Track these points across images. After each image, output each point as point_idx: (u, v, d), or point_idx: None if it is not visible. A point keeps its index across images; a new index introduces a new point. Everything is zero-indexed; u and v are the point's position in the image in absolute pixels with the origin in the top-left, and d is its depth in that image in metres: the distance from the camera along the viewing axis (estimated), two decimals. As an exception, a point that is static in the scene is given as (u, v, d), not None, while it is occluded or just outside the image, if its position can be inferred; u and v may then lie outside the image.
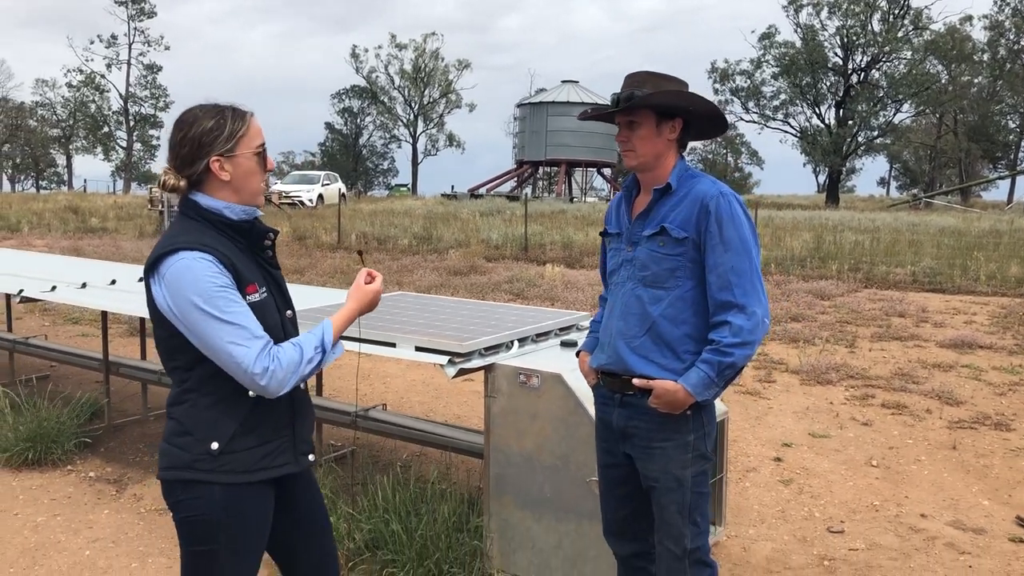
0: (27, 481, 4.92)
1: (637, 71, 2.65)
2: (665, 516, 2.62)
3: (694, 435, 2.61)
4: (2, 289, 5.49)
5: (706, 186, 2.58)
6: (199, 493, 2.20)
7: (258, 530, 2.30)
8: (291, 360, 2.16)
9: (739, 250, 2.51)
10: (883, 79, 47.86)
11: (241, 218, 2.26)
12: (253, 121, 2.27)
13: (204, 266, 2.12)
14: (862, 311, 11.18)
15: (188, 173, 2.22)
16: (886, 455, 5.60)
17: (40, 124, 73.36)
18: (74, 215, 27.34)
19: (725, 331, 2.49)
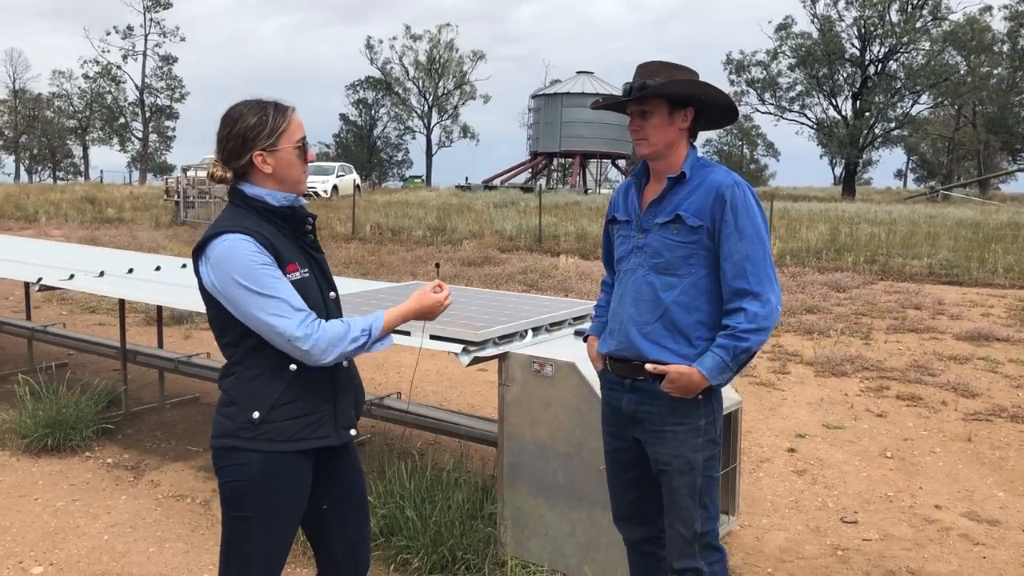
0: (47, 467, 4.98)
1: (650, 60, 2.67)
2: (676, 499, 2.64)
3: (705, 419, 2.64)
4: (21, 277, 5.55)
5: (721, 176, 2.61)
6: (240, 460, 2.33)
7: (294, 499, 2.40)
8: (335, 333, 2.29)
9: (753, 239, 2.55)
10: (901, 70, 47.48)
11: (282, 204, 2.39)
12: (294, 116, 2.40)
13: (245, 246, 2.26)
14: (878, 303, 11.13)
15: (234, 166, 2.38)
16: (900, 446, 5.59)
17: (57, 115, 73.85)
18: (91, 205, 27.52)
19: (740, 317, 2.52)
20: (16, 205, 26.38)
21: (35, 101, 73.43)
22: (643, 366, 2.64)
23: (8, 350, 7.58)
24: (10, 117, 73.19)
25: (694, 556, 2.66)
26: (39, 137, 74.20)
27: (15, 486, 4.68)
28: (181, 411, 6.15)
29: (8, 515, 4.30)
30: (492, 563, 3.68)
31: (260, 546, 2.38)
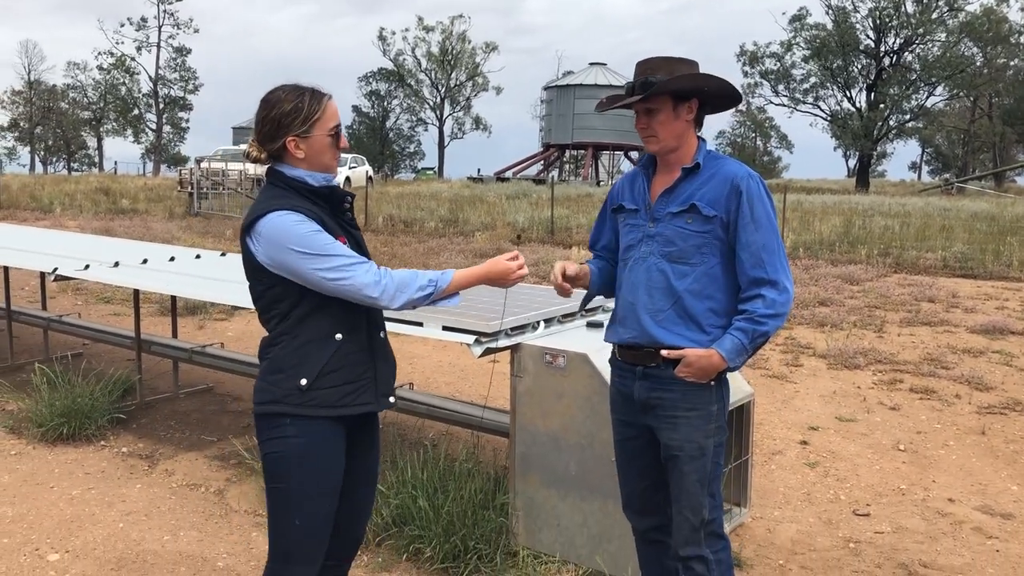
0: (62, 455, 5.02)
1: (649, 57, 2.70)
2: (686, 485, 2.66)
3: (716, 406, 2.67)
4: (38, 267, 5.60)
5: (735, 167, 2.65)
6: (284, 426, 2.42)
7: (332, 471, 2.48)
8: (403, 278, 2.39)
9: (768, 229, 2.60)
10: (916, 62, 47.17)
11: (322, 184, 2.48)
12: (330, 104, 2.47)
13: (294, 218, 2.35)
14: (891, 296, 11.08)
15: (269, 148, 2.47)
16: (914, 439, 5.57)
17: (71, 106, 74.23)
18: (105, 196, 27.67)
19: (759, 303, 2.56)
20: (31, 196, 26.54)
21: (50, 92, 73.80)
22: (656, 353, 2.66)
23: (24, 339, 7.64)
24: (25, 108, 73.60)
25: (699, 544, 2.69)
26: (54, 128, 74.60)
27: (31, 474, 4.72)
28: (195, 401, 6.19)
29: (25, 503, 4.35)
30: (504, 553, 3.70)
31: (300, 517, 2.46)
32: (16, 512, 4.23)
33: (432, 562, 3.69)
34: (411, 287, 2.39)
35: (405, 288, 2.38)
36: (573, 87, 52.41)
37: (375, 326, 2.56)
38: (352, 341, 2.46)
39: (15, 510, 4.25)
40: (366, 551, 3.84)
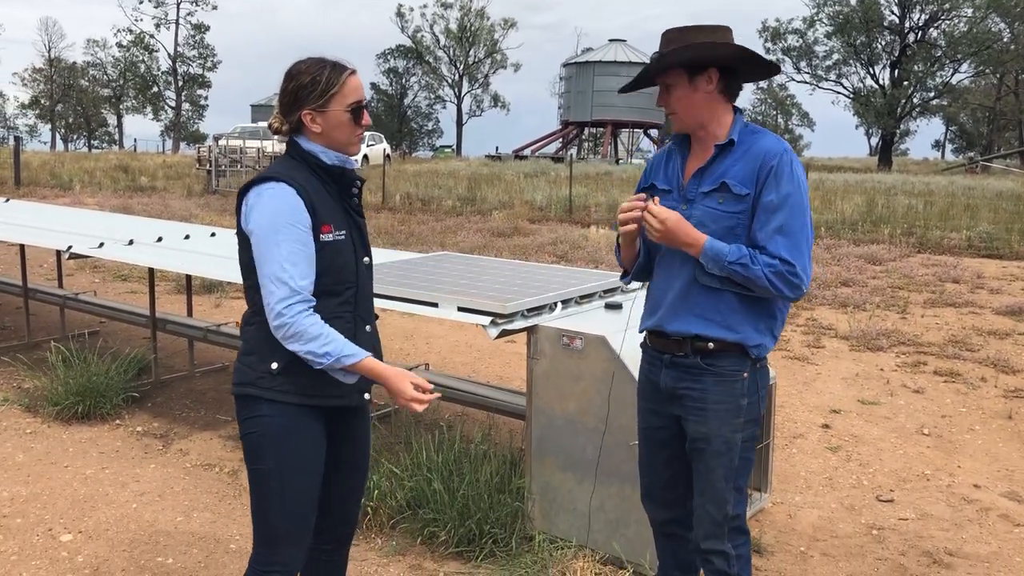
0: (77, 434, 5.01)
1: (669, 28, 2.54)
2: (712, 479, 2.56)
3: (748, 398, 2.55)
4: (53, 245, 5.56)
5: (770, 142, 2.49)
6: (258, 410, 2.38)
7: (310, 452, 2.43)
8: (308, 333, 2.28)
9: (789, 210, 2.43)
10: (941, 38, 46.37)
11: (335, 163, 2.44)
12: (351, 79, 2.41)
13: (289, 197, 2.31)
14: (915, 276, 10.91)
15: (289, 120, 2.43)
16: (938, 423, 5.47)
17: (91, 84, 74.44)
18: (124, 174, 27.72)
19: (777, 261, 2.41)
20: (51, 173, 26.63)
21: (70, 70, 74.03)
22: (682, 342, 2.56)
23: (41, 317, 7.64)
24: (46, 86, 73.89)
25: (722, 538, 2.59)
26: (74, 106, 74.88)
27: (46, 453, 4.71)
28: (210, 380, 6.16)
29: (39, 482, 4.33)
30: (519, 538, 3.64)
31: (281, 499, 2.42)
32: (30, 492, 4.21)
33: (447, 546, 3.64)
34: (308, 344, 2.27)
35: (302, 343, 2.27)
36: (592, 64, 51.95)
37: (361, 319, 2.47)
38: None
39: (29, 489, 4.24)
40: (380, 534, 3.80)
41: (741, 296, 2.50)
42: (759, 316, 2.53)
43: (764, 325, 2.55)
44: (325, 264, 2.36)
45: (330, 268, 2.37)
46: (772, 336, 2.58)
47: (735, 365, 2.54)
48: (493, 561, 3.55)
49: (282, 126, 2.44)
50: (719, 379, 2.53)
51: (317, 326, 2.29)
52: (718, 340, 2.52)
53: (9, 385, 5.87)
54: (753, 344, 2.53)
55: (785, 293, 2.44)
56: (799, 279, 2.42)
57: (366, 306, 2.51)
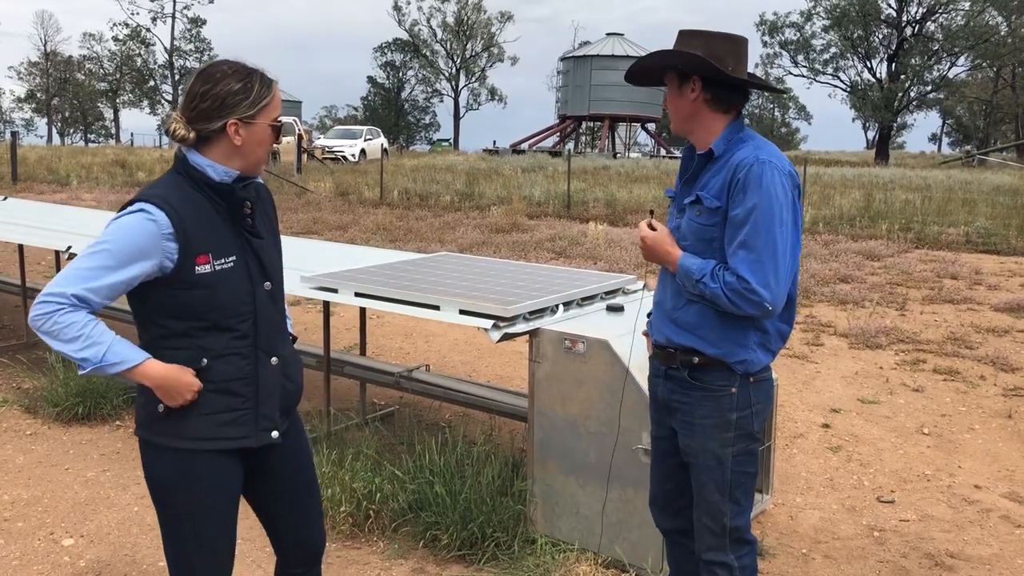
0: (77, 436, 5.00)
1: (684, 29, 2.52)
2: (704, 493, 2.56)
3: (737, 413, 2.50)
4: (52, 245, 5.55)
5: (745, 152, 2.40)
6: (155, 455, 2.21)
7: (217, 497, 2.24)
8: (64, 333, 2.05)
9: (754, 225, 2.33)
10: (939, 31, 46.36)
11: (222, 180, 2.20)
12: (277, 92, 2.24)
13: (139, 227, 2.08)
14: (913, 272, 10.93)
15: (200, 127, 2.17)
16: (938, 423, 5.47)
17: (88, 78, 74.25)
18: (121, 169, 27.67)
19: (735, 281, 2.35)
20: (48, 168, 26.57)
21: (66, 64, 73.84)
22: (673, 353, 2.55)
23: (40, 316, 7.63)
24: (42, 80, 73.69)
25: (724, 550, 2.59)
26: (70, 100, 74.72)
27: (46, 455, 4.70)
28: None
29: (40, 485, 4.32)
30: (522, 541, 3.64)
31: (195, 545, 2.25)
32: (31, 495, 4.21)
33: (449, 549, 3.64)
34: (65, 344, 2.06)
35: (57, 339, 2.05)
36: (590, 58, 51.90)
37: (263, 352, 2.26)
38: (223, 368, 2.19)
39: (30, 492, 4.23)
40: (382, 537, 3.80)
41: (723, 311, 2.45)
42: (743, 331, 2.47)
43: (752, 340, 2.48)
44: (206, 299, 2.15)
45: (214, 302, 2.16)
46: (765, 350, 2.52)
47: (722, 379, 2.49)
48: (496, 564, 3.55)
49: (188, 133, 2.16)
50: (706, 393, 2.51)
51: (76, 327, 2.04)
52: (700, 354, 2.50)
53: (8, 386, 5.86)
54: (736, 360, 2.47)
55: (747, 311, 2.37)
56: (758, 296, 2.32)
57: (270, 337, 2.28)
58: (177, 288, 2.14)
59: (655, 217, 2.66)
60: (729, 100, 2.49)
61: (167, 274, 2.13)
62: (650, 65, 2.51)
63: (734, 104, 2.50)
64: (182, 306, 2.15)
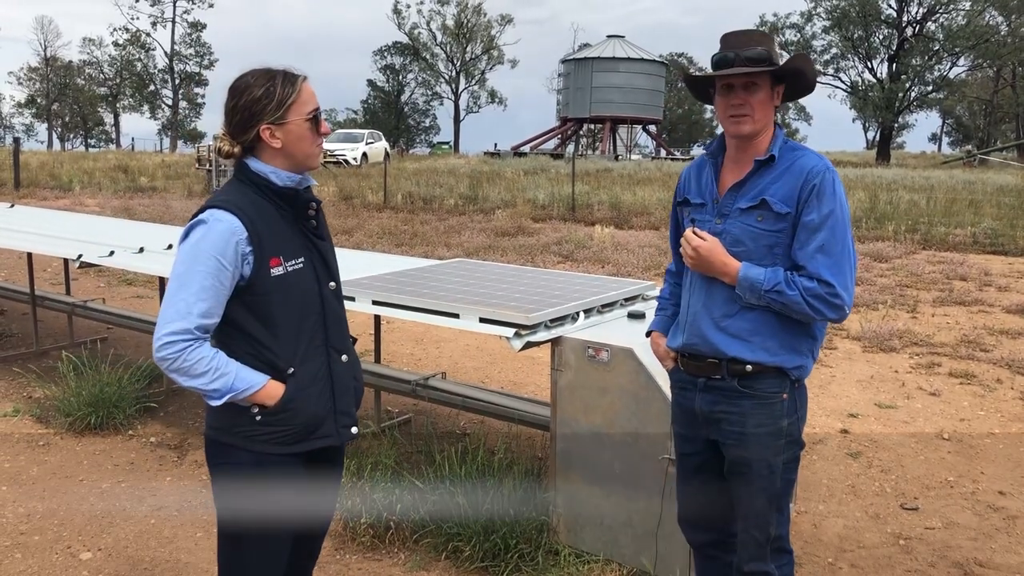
0: (90, 446, 4.96)
1: (738, 31, 2.46)
2: (755, 504, 2.51)
3: (787, 420, 2.48)
4: (63, 254, 5.51)
5: (812, 160, 2.43)
6: (234, 458, 2.25)
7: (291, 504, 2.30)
8: (194, 369, 2.11)
9: (830, 229, 2.38)
10: (939, 31, 46.32)
11: (286, 185, 2.26)
12: (305, 86, 2.25)
13: (225, 230, 2.13)
14: (922, 274, 10.89)
15: (241, 140, 2.24)
16: (957, 427, 5.43)
17: (88, 83, 74.20)
18: (123, 174, 27.63)
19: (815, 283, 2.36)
20: (50, 174, 26.53)
21: (66, 69, 73.78)
22: (718, 363, 2.49)
23: (47, 323, 7.58)
24: (42, 85, 73.65)
25: (765, 560, 2.55)
26: (71, 105, 74.65)
27: (60, 466, 4.66)
28: (222, 388, 6.10)
29: (55, 497, 4.28)
30: (545, 552, 3.59)
31: (254, 548, 2.29)
32: (47, 507, 4.16)
33: (471, 561, 3.59)
34: (192, 380, 2.12)
35: (187, 377, 2.12)
36: (591, 60, 51.87)
37: (335, 351, 2.33)
38: (308, 370, 2.25)
39: (45, 505, 4.19)
40: (403, 549, 3.75)
41: (781, 318, 2.43)
42: (799, 338, 2.47)
43: (805, 347, 2.49)
44: (282, 302, 2.20)
45: (289, 304, 2.22)
46: (812, 357, 2.53)
47: (775, 387, 2.47)
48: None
49: (233, 148, 2.23)
50: (758, 402, 2.47)
51: (204, 361, 2.12)
52: (756, 363, 2.45)
53: (19, 395, 5.82)
54: (792, 367, 2.47)
55: (827, 316, 2.38)
56: (840, 300, 2.36)
57: (340, 335, 2.35)
58: (256, 294, 2.19)
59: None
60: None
61: (246, 280, 2.18)
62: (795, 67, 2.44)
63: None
64: (262, 312, 2.20)
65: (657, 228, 15.54)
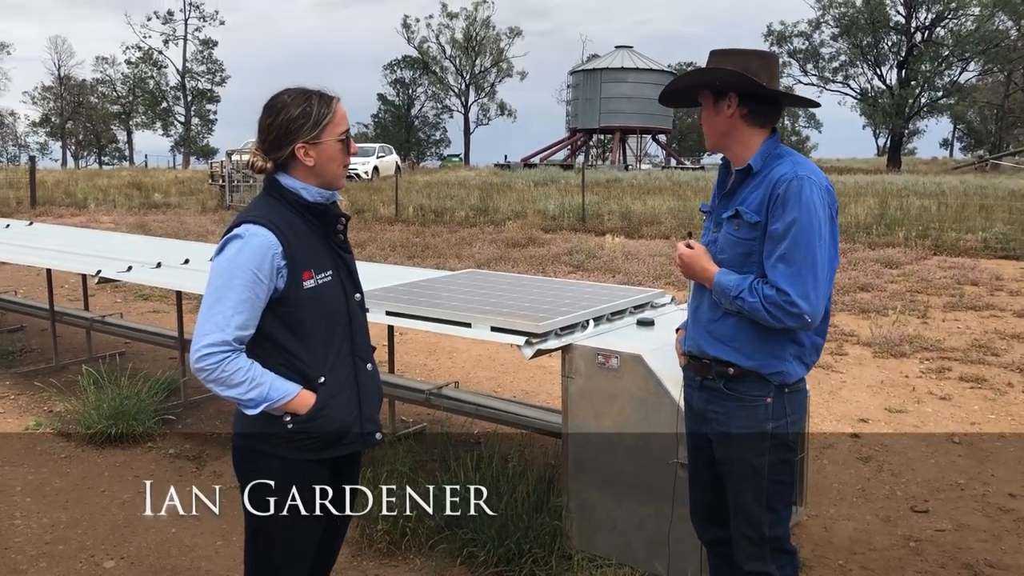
0: (111, 458, 5.04)
1: (714, 49, 2.57)
2: (741, 502, 2.59)
3: (772, 424, 2.54)
4: (82, 270, 5.62)
5: (784, 168, 2.45)
6: (263, 465, 2.31)
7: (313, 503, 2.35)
8: (232, 379, 2.20)
9: (793, 239, 2.37)
10: (949, 37, 46.32)
11: (317, 200, 2.33)
12: (339, 107, 2.33)
13: (261, 243, 2.19)
14: (933, 280, 10.89)
15: (275, 156, 2.31)
16: (968, 431, 5.46)
17: (101, 101, 74.91)
18: (137, 191, 27.87)
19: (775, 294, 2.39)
20: (66, 192, 26.80)
21: (79, 87, 74.54)
22: (709, 365, 2.59)
23: (66, 339, 7.69)
24: (56, 103, 74.39)
25: (764, 559, 2.61)
26: (84, 123, 75.36)
27: (82, 478, 4.74)
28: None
29: (78, 508, 4.37)
30: (559, 556, 3.65)
31: (283, 552, 2.36)
32: (70, 517, 4.25)
33: (486, 566, 3.65)
34: (228, 390, 2.21)
35: (225, 387, 2.20)
36: (600, 71, 52.07)
37: (360, 359, 2.40)
38: (337, 378, 2.33)
39: (69, 515, 4.27)
40: (419, 554, 3.82)
41: (759, 324, 2.48)
42: (779, 344, 2.51)
43: (788, 352, 2.52)
44: (312, 311, 2.28)
45: (319, 316, 2.29)
46: (800, 363, 2.56)
47: (757, 390, 2.53)
48: (533, 580, 3.56)
49: (267, 164, 2.31)
50: (741, 404, 2.55)
51: (241, 371, 2.19)
52: (735, 366, 2.54)
53: (40, 409, 5.92)
54: (772, 371, 2.51)
55: (786, 323, 2.41)
56: (797, 308, 2.36)
57: (363, 344, 2.43)
58: (289, 306, 2.26)
59: (692, 237, 2.70)
60: (765, 115, 2.54)
61: (279, 293, 2.25)
62: (688, 84, 2.55)
63: (769, 119, 2.56)
64: (294, 324, 2.26)
65: (667, 237, 15.59)
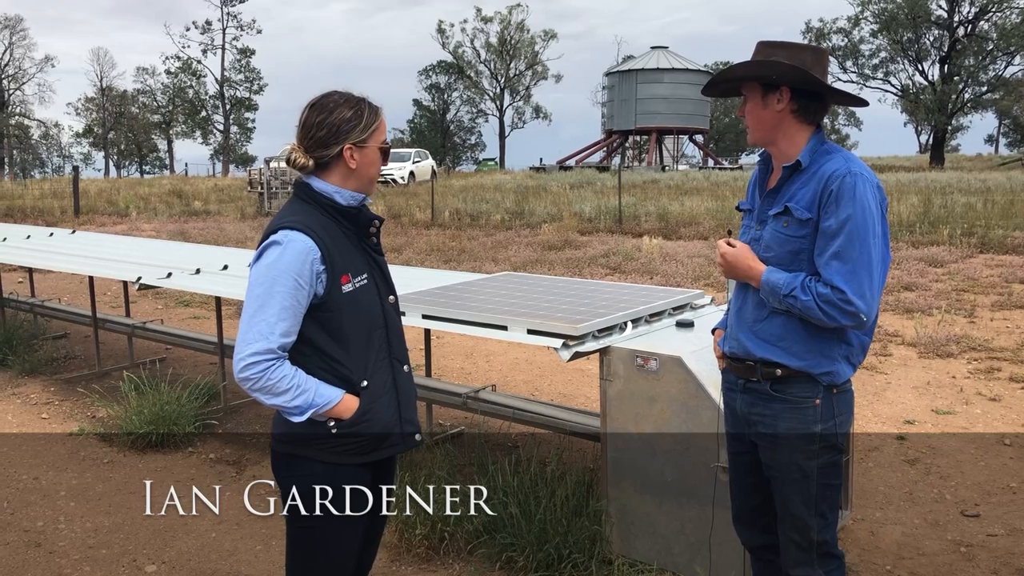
0: (152, 463, 5.09)
1: (763, 40, 2.51)
2: (790, 507, 2.52)
3: (821, 425, 2.47)
4: (123, 276, 5.68)
5: (835, 163, 2.40)
6: (305, 470, 2.31)
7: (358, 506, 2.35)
8: (278, 387, 2.19)
9: (848, 236, 2.32)
10: (993, 30, 45.42)
11: (350, 204, 2.33)
12: (383, 117, 2.37)
13: (301, 249, 2.18)
14: (979, 278, 10.66)
15: (318, 155, 2.30)
16: (1019, 433, 5.31)
17: (142, 110, 76.09)
18: (178, 199, 28.28)
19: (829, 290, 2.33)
20: (108, 201, 27.26)
21: (121, 98, 75.79)
22: (753, 366, 2.52)
23: (108, 345, 7.79)
24: (99, 114, 75.74)
25: (812, 564, 2.54)
26: (126, 133, 76.61)
27: (124, 483, 4.79)
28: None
29: (120, 512, 4.40)
30: (599, 561, 3.60)
31: (325, 557, 2.36)
32: (112, 522, 4.29)
33: (525, 571, 3.61)
34: (273, 399, 2.20)
35: (270, 396, 2.20)
36: (635, 72, 51.86)
37: (397, 361, 2.41)
38: (377, 383, 2.33)
39: (111, 520, 4.31)
40: (458, 559, 3.79)
41: (808, 323, 2.42)
42: (828, 343, 2.45)
43: (837, 352, 2.46)
44: (351, 314, 2.27)
45: (357, 317, 2.29)
46: (848, 363, 2.50)
47: (805, 391, 2.47)
48: (573, 586, 3.52)
49: (308, 161, 2.29)
50: (789, 406, 2.48)
51: (287, 379, 2.19)
52: (784, 367, 2.47)
53: (84, 414, 5.99)
54: (821, 372, 2.45)
55: (841, 322, 2.35)
56: (853, 307, 2.31)
57: (399, 347, 2.43)
58: (329, 311, 2.25)
59: (732, 236, 2.63)
60: (814, 111, 2.48)
61: (319, 298, 2.24)
62: (743, 75, 2.48)
63: (817, 116, 2.50)
64: (334, 329, 2.26)
65: (706, 238, 15.45)
